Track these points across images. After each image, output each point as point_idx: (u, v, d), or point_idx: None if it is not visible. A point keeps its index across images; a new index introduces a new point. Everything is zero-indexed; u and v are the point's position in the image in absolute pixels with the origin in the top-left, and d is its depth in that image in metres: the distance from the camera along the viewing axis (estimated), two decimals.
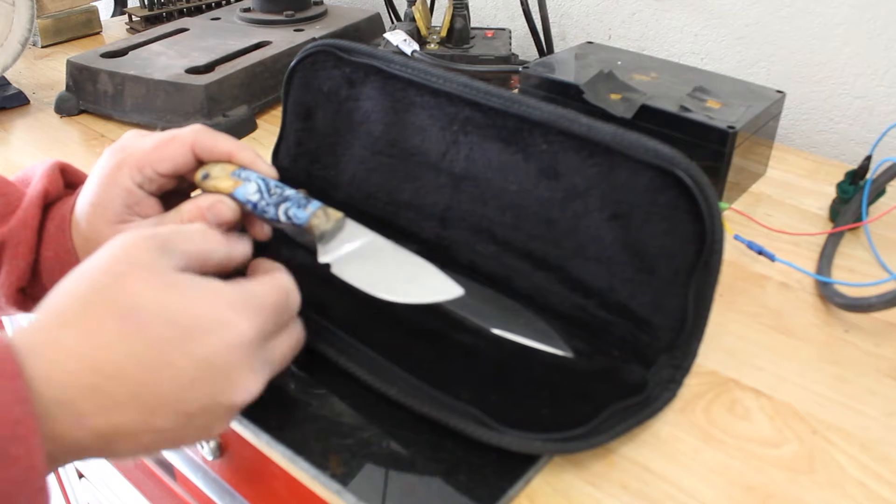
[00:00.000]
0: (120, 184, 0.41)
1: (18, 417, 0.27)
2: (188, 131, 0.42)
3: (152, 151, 0.41)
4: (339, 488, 0.36)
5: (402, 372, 0.41)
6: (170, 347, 0.30)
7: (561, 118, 0.44)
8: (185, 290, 0.32)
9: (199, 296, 0.32)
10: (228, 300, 0.32)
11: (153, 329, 0.30)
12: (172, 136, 0.42)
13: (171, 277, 0.32)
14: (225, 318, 0.32)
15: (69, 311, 0.30)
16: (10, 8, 0.77)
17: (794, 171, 0.67)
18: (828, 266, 0.53)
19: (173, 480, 0.65)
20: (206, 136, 0.42)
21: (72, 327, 0.30)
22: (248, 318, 0.33)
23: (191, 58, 0.79)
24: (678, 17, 0.82)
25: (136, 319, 0.30)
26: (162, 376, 0.30)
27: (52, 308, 0.31)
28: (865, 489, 0.37)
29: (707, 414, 0.41)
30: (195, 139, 0.42)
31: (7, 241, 0.42)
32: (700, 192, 0.39)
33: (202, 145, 0.42)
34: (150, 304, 0.30)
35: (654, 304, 0.42)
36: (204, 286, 0.32)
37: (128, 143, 0.43)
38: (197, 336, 0.31)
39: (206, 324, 0.31)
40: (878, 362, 0.45)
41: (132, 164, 0.41)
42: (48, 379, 0.29)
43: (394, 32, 0.80)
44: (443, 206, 0.51)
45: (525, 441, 0.37)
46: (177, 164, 0.42)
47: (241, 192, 0.41)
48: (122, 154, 0.42)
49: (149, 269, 0.31)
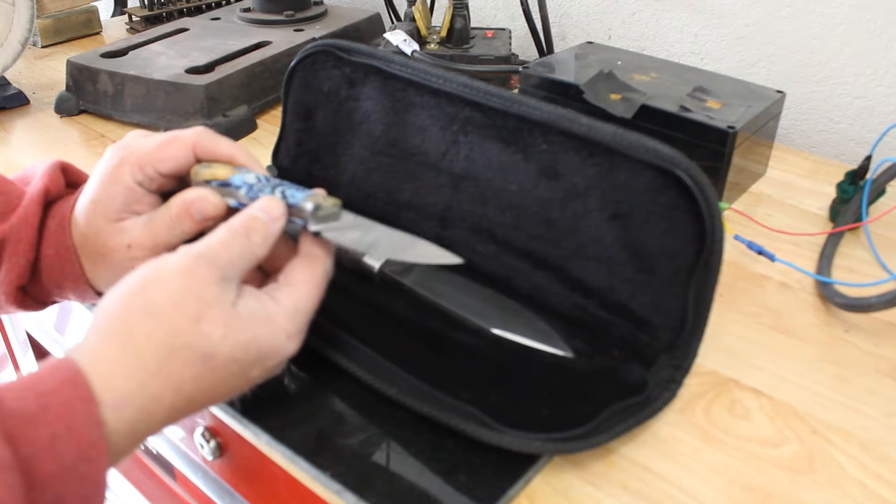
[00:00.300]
0: (121, 181, 0.41)
1: (93, 440, 0.30)
2: (190, 132, 0.42)
3: (154, 151, 0.42)
4: (340, 488, 0.36)
5: (402, 372, 0.41)
6: (234, 378, 0.35)
7: (561, 118, 0.44)
8: (249, 326, 0.34)
9: (260, 328, 0.35)
10: (285, 329, 0.36)
11: (223, 369, 0.34)
12: (174, 137, 0.42)
13: (236, 312, 0.34)
14: (281, 346, 0.36)
15: (151, 357, 0.32)
16: (10, 8, 0.77)
17: (794, 171, 0.67)
18: (828, 266, 0.53)
19: (173, 480, 0.65)
20: (207, 137, 0.42)
21: (155, 377, 0.32)
22: (298, 337, 0.37)
23: (191, 58, 0.79)
24: (678, 17, 0.82)
25: (210, 363, 0.33)
26: (218, 394, 0.35)
27: (135, 351, 0.33)
28: (865, 489, 0.37)
29: (707, 414, 0.41)
30: (197, 140, 0.42)
31: (7, 238, 0.42)
32: (700, 192, 0.39)
33: (203, 147, 0.42)
34: (221, 348, 0.34)
35: (654, 304, 0.42)
36: (263, 315, 0.35)
37: (130, 142, 0.43)
38: (257, 364, 0.35)
39: (265, 353, 0.35)
40: (878, 362, 0.45)
41: (133, 163, 0.41)
42: (131, 420, 0.32)
43: (394, 32, 0.80)
44: (443, 206, 0.51)
45: (525, 441, 0.37)
46: (178, 164, 0.42)
47: (237, 178, 0.41)
48: (124, 152, 0.42)
49: (218, 306, 0.34)
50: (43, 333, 0.72)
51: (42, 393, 0.30)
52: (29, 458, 0.28)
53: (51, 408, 0.30)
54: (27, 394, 0.30)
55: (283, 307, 0.36)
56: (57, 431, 0.29)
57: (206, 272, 0.34)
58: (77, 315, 0.64)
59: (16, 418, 0.29)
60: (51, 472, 0.29)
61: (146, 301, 0.33)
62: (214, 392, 0.34)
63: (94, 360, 0.32)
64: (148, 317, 0.33)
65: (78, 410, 0.30)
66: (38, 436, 0.29)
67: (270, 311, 0.36)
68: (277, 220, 0.38)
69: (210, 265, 0.34)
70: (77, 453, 0.29)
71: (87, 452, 0.30)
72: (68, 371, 0.31)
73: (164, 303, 0.33)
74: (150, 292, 0.34)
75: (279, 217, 0.38)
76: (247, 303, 0.35)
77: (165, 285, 0.34)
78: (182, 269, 0.34)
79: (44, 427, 0.29)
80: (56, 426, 0.29)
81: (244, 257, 0.36)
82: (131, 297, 0.34)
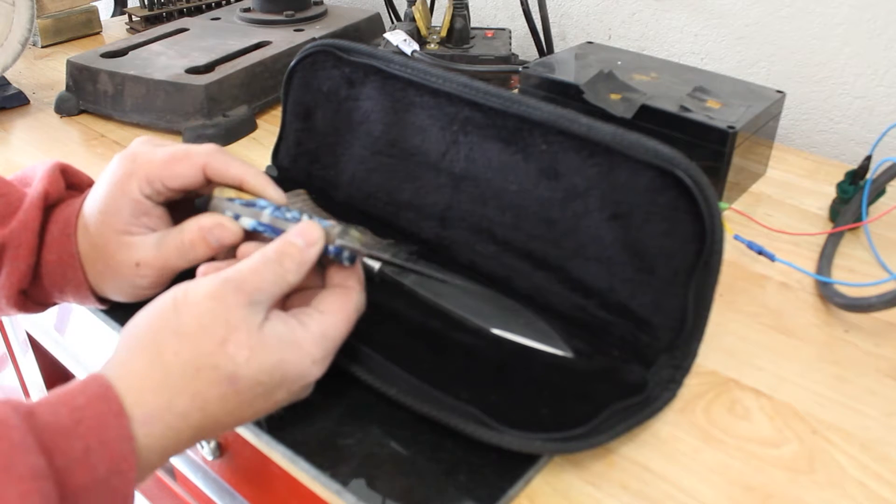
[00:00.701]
0: (129, 194, 0.41)
1: (124, 454, 0.31)
2: (202, 152, 0.42)
3: (163, 167, 0.41)
4: (339, 488, 0.36)
5: (402, 372, 0.41)
6: (258, 399, 0.35)
7: (561, 118, 0.44)
8: (276, 349, 0.35)
9: (287, 352, 0.35)
10: (311, 354, 0.36)
11: (248, 391, 0.34)
12: (185, 154, 0.42)
13: (262, 336, 0.35)
14: (307, 371, 0.36)
15: (177, 375, 0.33)
16: (10, 8, 0.77)
17: (794, 171, 0.67)
18: (828, 266, 0.53)
19: (173, 480, 0.65)
20: (218, 159, 0.42)
21: (183, 394, 0.33)
22: (324, 363, 0.37)
23: (191, 58, 0.79)
24: (678, 17, 0.82)
25: (235, 385, 0.34)
26: (245, 415, 0.35)
27: (162, 367, 0.33)
28: (865, 489, 0.37)
29: (707, 414, 0.41)
30: (207, 161, 0.42)
31: (7, 243, 0.42)
32: (700, 192, 0.39)
33: (214, 168, 0.42)
34: (246, 370, 0.34)
35: (654, 304, 0.42)
36: (289, 340, 0.35)
37: (139, 152, 0.42)
38: (281, 386, 0.35)
39: (291, 376, 0.35)
40: (878, 362, 0.45)
41: (142, 176, 0.41)
42: (160, 437, 0.33)
43: (394, 32, 0.80)
44: (443, 206, 0.51)
45: (525, 441, 0.37)
46: (186, 182, 0.42)
47: (263, 200, 0.40)
48: (133, 165, 0.42)
49: (244, 329, 0.34)
50: (43, 334, 0.72)
51: (75, 408, 0.31)
52: (63, 469, 0.29)
53: (84, 422, 0.30)
54: (61, 409, 0.31)
55: (311, 332, 0.36)
56: (90, 445, 0.30)
57: (234, 296, 0.34)
58: (77, 315, 0.64)
59: (50, 431, 0.30)
60: (83, 485, 0.30)
61: (175, 321, 0.34)
62: (240, 413, 0.35)
63: (123, 375, 0.33)
64: (176, 336, 0.34)
65: (110, 425, 0.31)
66: (71, 448, 0.30)
67: (298, 335, 0.36)
68: (314, 246, 0.38)
69: (238, 290, 0.35)
70: (109, 466, 0.30)
71: (118, 466, 0.31)
72: (100, 386, 0.32)
73: (191, 324, 0.34)
74: (179, 313, 0.34)
75: (316, 242, 0.38)
76: (274, 326, 0.35)
77: (194, 308, 0.34)
78: (211, 293, 0.34)
79: (77, 440, 0.30)
80: (89, 440, 0.30)
81: (276, 283, 0.36)
82: (161, 316, 0.35)
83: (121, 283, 0.42)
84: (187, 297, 0.35)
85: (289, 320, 0.36)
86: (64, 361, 0.71)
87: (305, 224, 0.38)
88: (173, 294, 0.35)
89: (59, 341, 0.69)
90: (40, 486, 0.28)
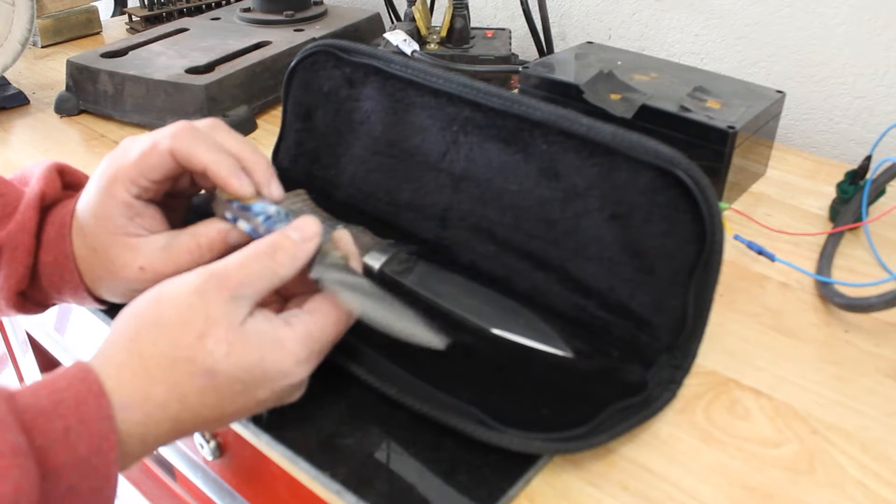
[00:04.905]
0: (117, 197, 0.41)
1: (104, 433, 0.31)
2: (167, 137, 0.41)
3: (139, 163, 0.41)
4: (339, 488, 0.36)
5: (402, 372, 0.41)
6: (239, 396, 0.35)
7: (561, 118, 0.44)
8: (256, 346, 0.34)
9: (268, 349, 0.35)
10: (294, 353, 0.35)
11: (227, 386, 0.34)
12: (152, 145, 0.41)
13: (243, 332, 0.34)
14: (288, 370, 0.35)
15: (155, 366, 0.33)
16: (10, 8, 0.77)
17: (794, 171, 0.67)
18: (828, 266, 0.53)
19: (173, 480, 0.65)
20: (183, 143, 0.40)
21: (160, 384, 0.33)
22: (308, 364, 0.36)
23: (191, 58, 0.79)
24: (678, 17, 0.82)
25: (213, 379, 0.34)
26: (226, 412, 0.35)
27: (140, 357, 0.34)
28: (865, 489, 0.37)
29: (707, 414, 0.41)
30: (172, 147, 0.40)
31: (5, 245, 0.42)
32: (700, 192, 0.39)
33: (180, 155, 0.40)
34: (224, 365, 0.34)
35: (654, 304, 0.42)
36: (272, 338, 0.35)
37: (121, 153, 0.42)
38: (262, 384, 0.35)
39: (272, 375, 0.35)
40: (878, 362, 0.45)
41: (125, 179, 0.41)
42: (139, 424, 0.33)
43: (394, 32, 0.80)
44: (443, 207, 0.51)
45: (525, 441, 0.37)
46: (165, 170, 0.41)
47: (259, 206, 0.40)
48: (115, 169, 0.41)
49: (224, 325, 0.34)
50: (43, 334, 0.72)
51: (55, 390, 0.31)
52: (44, 448, 0.29)
53: (64, 402, 0.31)
54: (41, 391, 0.31)
55: (296, 332, 0.36)
56: (70, 424, 0.30)
57: (216, 291, 0.34)
58: (77, 315, 0.64)
59: (31, 412, 0.30)
60: (64, 463, 0.30)
61: (157, 313, 0.34)
62: (222, 410, 0.35)
63: (103, 362, 0.33)
64: (156, 327, 0.34)
65: (89, 404, 0.31)
66: (52, 428, 0.30)
67: (280, 334, 0.35)
68: (310, 241, 0.37)
69: (221, 285, 0.35)
70: (89, 445, 0.30)
71: (98, 445, 0.31)
72: (80, 370, 0.32)
73: (171, 316, 0.34)
74: (161, 305, 0.35)
75: (313, 237, 0.38)
76: (256, 324, 0.35)
77: (176, 300, 0.34)
78: (194, 287, 0.35)
79: (57, 420, 0.30)
80: (69, 419, 0.30)
81: (264, 277, 0.36)
82: (145, 310, 0.35)
83: (122, 288, 0.42)
84: (171, 290, 0.35)
85: (273, 319, 0.36)
86: (64, 361, 0.71)
87: (303, 219, 0.38)
88: (159, 288, 0.36)
89: (58, 341, 0.69)
90: (20, 462, 0.28)
